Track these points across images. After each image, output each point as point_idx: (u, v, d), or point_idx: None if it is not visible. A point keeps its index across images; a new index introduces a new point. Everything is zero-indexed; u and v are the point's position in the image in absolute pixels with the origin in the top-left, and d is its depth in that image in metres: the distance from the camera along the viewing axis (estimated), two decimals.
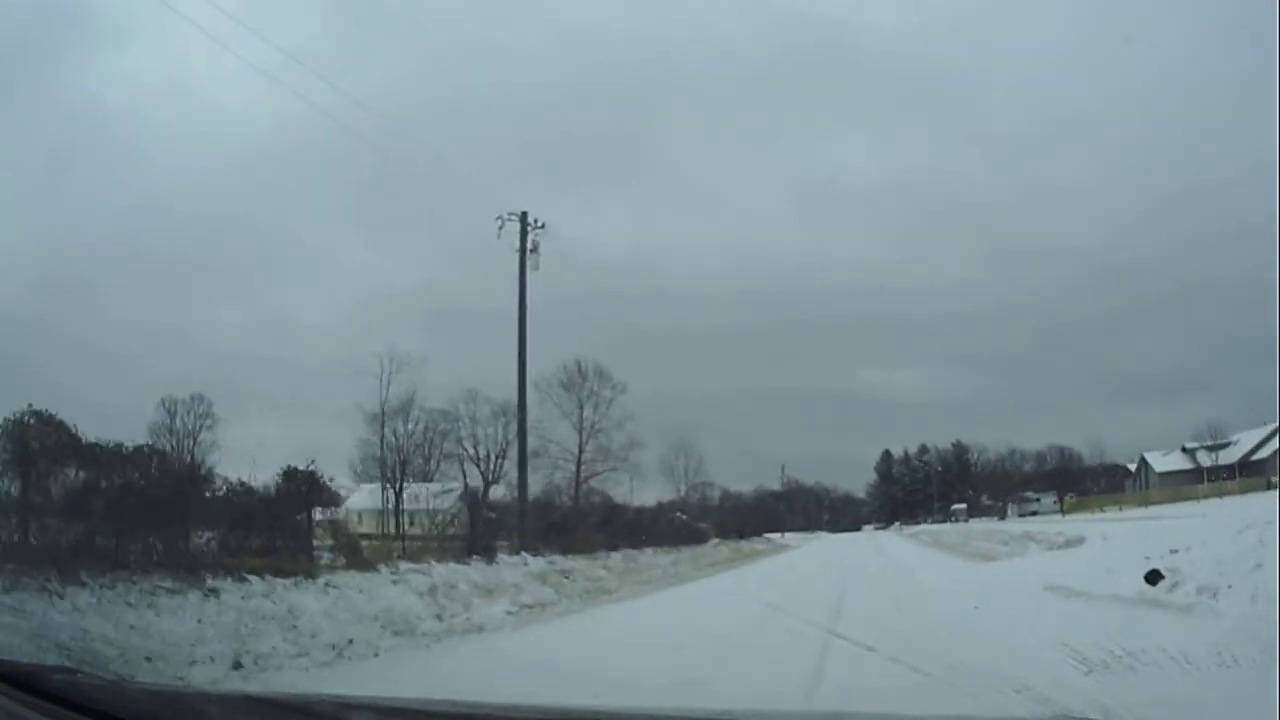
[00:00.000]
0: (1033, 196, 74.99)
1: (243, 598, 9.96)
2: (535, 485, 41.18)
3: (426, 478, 43.54)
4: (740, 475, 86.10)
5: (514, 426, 47.07)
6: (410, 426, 46.47)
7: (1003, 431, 79.51)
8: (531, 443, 42.79)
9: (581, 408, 48.23)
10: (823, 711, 5.75)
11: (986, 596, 13.73)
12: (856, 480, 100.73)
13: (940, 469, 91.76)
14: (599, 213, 72.71)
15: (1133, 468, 61.98)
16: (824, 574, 22.72)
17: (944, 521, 72.69)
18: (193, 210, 47.07)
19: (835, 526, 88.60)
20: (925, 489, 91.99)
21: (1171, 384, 69.38)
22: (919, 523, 78.43)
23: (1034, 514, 59.14)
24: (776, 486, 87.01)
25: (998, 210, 76.96)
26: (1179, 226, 65.80)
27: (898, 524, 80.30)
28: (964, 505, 75.41)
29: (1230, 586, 8.90)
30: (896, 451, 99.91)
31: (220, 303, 57.53)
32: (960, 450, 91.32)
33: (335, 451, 41.78)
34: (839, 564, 27.06)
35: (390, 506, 40.33)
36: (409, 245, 67.78)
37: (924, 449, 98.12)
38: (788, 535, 68.13)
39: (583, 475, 46.53)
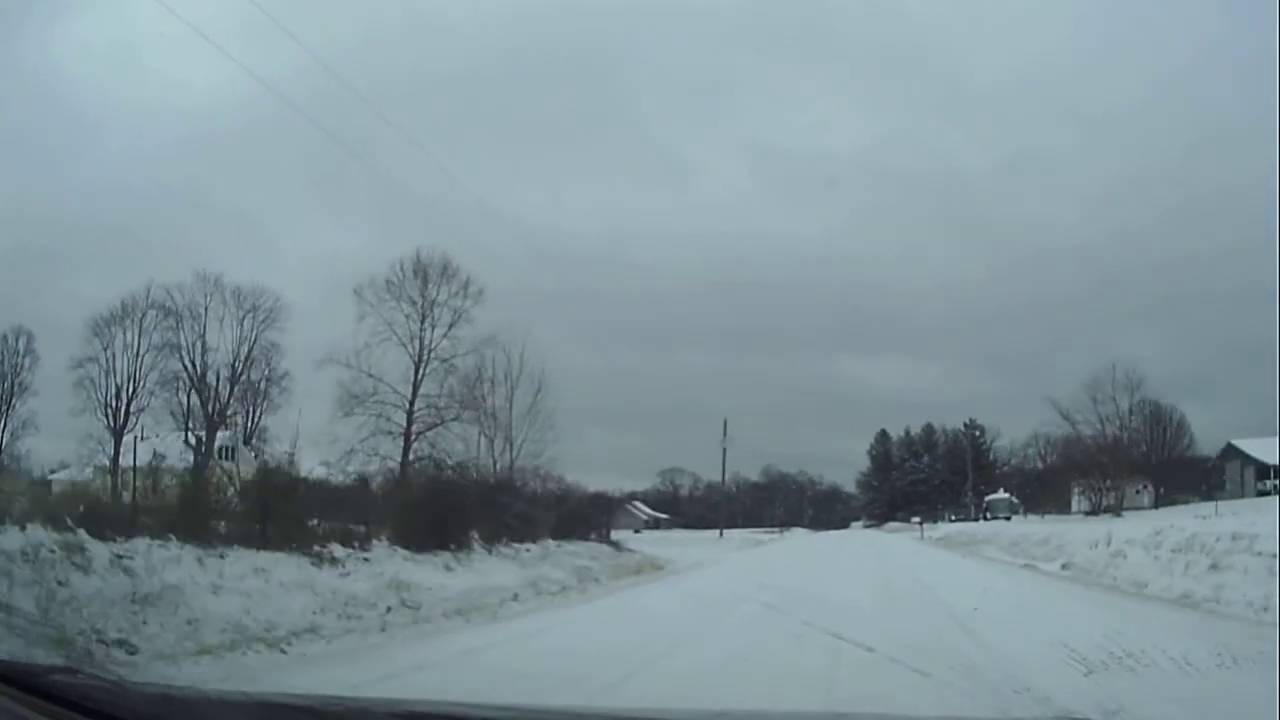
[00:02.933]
0: (1015, 166, 70.37)
1: None
2: (353, 439, 30.33)
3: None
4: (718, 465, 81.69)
5: (264, 333, 32.75)
6: (136, 339, 32.69)
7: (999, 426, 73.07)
8: (347, 377, 30.74)
9: (423, 321, 33.21)
10: (823, 712, 5.74)
11: None
12: (845, 475, 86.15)
13: (968, 450, 72.31)
14: (557, 188, 70.11)
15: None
16: None
17: (977, 518, 54.43)
18: (147, 185, 44.77)
19: (819, 523, 77.60)
20: (931, 479, 75.15)
21: (1168, 382, 66.58)
22: (937, 520, 61.90)
23: (1110, 511, 41.28)
24: (755, 476, 78.45)
25: (978, 182, 72.16)
26: (1166, 201, 62.83)
27: (916, 521, 60.45)
28: (1007, 495, 55.18)
29: None
30: (895, 432, 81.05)
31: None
32: (974, 430, 73.24)
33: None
34: None
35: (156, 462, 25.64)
36: (362, 224, 65.04)
37: (930, 429, 78.86)
38: (731, 535, 51.18)
39: (420, 426, 31.95)
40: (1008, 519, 46.20)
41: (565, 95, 73.66)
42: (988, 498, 56.64)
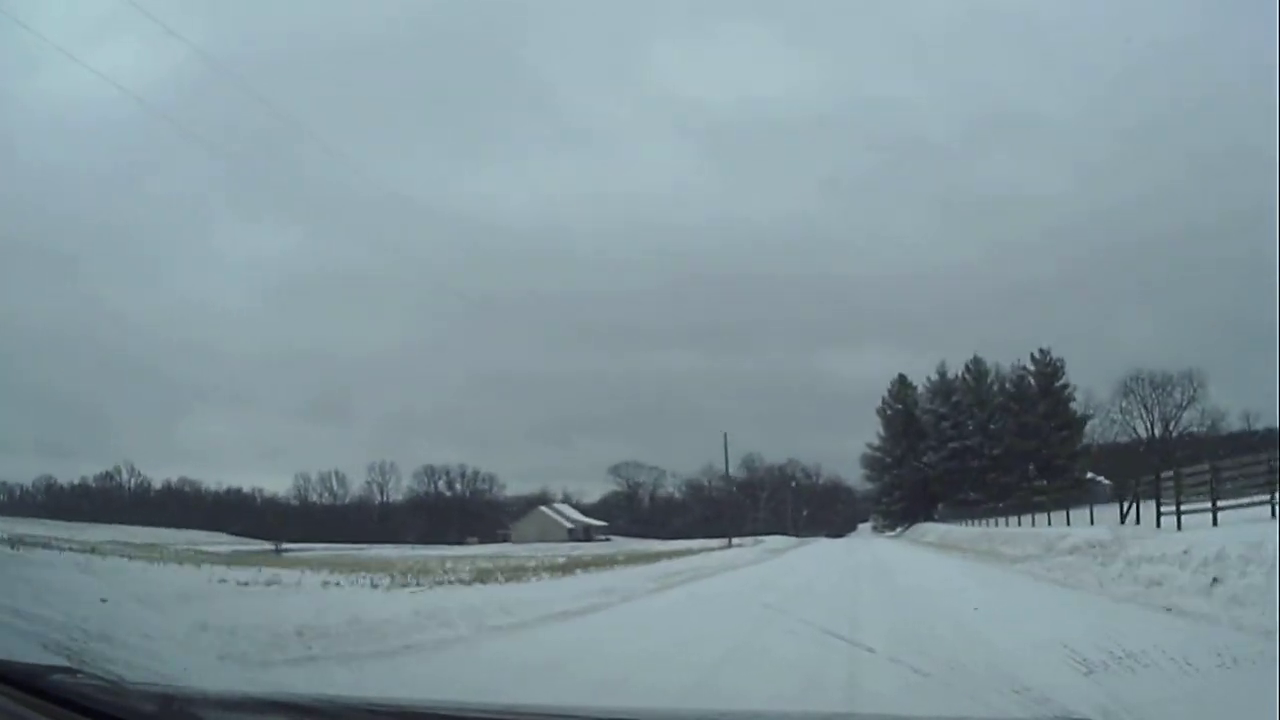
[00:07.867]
0: (987, 129, 64.30)
1: None
2: None
3: None
4: (700, 463, 76.87)
5: None
6: None
7: None
8: None
9: None
10: (823, 712, 5.75)
11: None
12: (846, 470, 69.16)
13: (1039, 399, 44.47)
14: (487, 173, 66.57)
15: None
16: None
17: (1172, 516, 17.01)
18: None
19: (815, 526, 59.53)
20: (984, 449, 43.53)
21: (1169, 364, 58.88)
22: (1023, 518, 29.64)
23: None
24: (734, 470, 58.86)
25: (951, 150, 64.67)
26: (1157, 166, 60.03)
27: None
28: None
29: None
30: (921, 372, 53.17)
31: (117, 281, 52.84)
32: (1047, 369, 44.52)
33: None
34: None
35: None
36: (289, 217, 62.97)
37: (979, 365, 48.45)
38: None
39: None
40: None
41: (481, 78, 69.89)
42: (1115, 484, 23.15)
